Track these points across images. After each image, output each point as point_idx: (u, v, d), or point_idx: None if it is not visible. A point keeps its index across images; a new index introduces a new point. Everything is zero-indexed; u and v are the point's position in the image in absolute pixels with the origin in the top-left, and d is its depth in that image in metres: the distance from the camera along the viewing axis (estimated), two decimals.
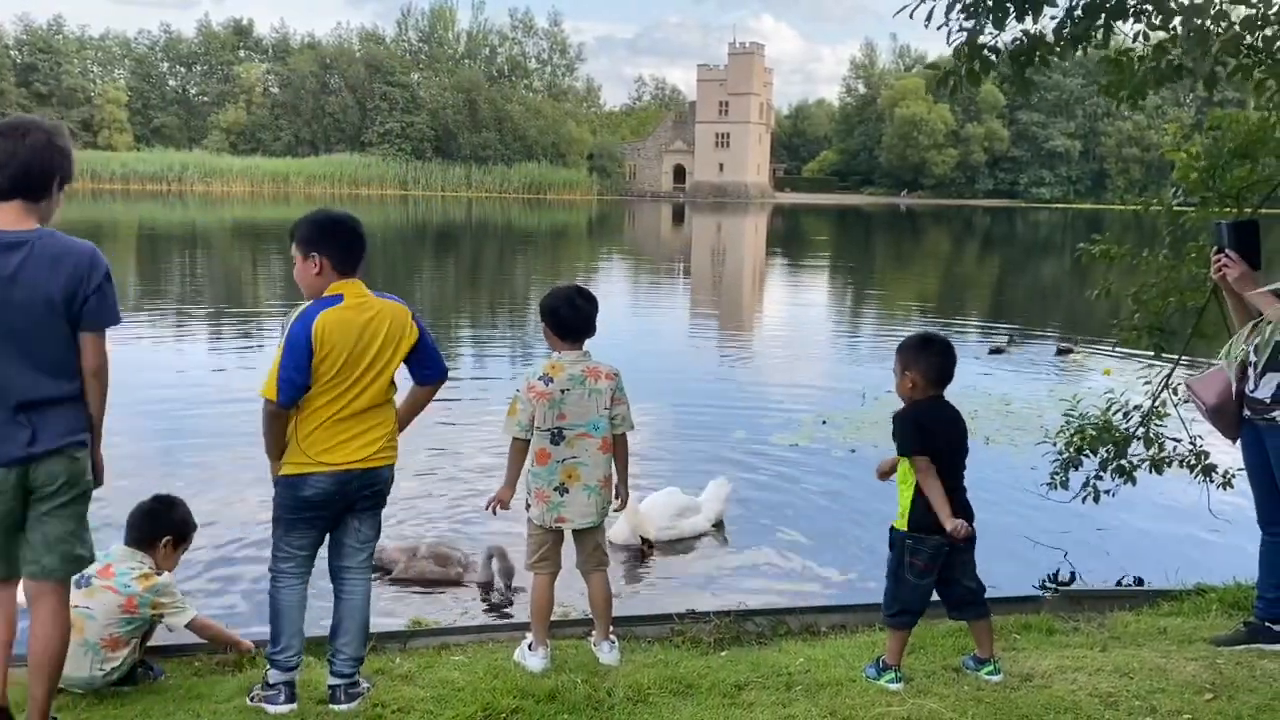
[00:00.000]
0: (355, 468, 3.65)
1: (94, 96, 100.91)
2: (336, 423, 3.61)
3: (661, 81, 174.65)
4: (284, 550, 3.76)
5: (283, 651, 3.71)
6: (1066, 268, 31.78)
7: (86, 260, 3.12)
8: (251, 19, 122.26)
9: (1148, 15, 4.86)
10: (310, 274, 3.66)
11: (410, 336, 3.72)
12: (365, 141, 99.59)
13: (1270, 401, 3.72)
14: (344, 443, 3.62)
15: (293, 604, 3.76)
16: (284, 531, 3.75)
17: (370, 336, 3.62)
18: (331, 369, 3.56)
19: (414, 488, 7.69)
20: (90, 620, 3.88)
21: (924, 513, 3.74)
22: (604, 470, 4.15)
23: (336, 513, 3.73)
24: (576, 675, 4.01)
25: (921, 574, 3.77)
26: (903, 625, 3.89)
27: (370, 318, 3.63)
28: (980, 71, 4.95)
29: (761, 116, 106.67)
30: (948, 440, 3.79)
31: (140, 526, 4.19)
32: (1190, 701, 3.65)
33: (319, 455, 3.61)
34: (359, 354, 3.59)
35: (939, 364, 3.79)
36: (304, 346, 3.52)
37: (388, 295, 3.78)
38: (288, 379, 3.54)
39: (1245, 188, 5.90)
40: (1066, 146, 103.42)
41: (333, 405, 3.60)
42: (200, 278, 25.72)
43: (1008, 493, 7.90)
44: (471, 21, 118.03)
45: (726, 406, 11.17)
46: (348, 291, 3.64)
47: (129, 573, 3.99)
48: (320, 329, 3.53)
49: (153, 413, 10.06)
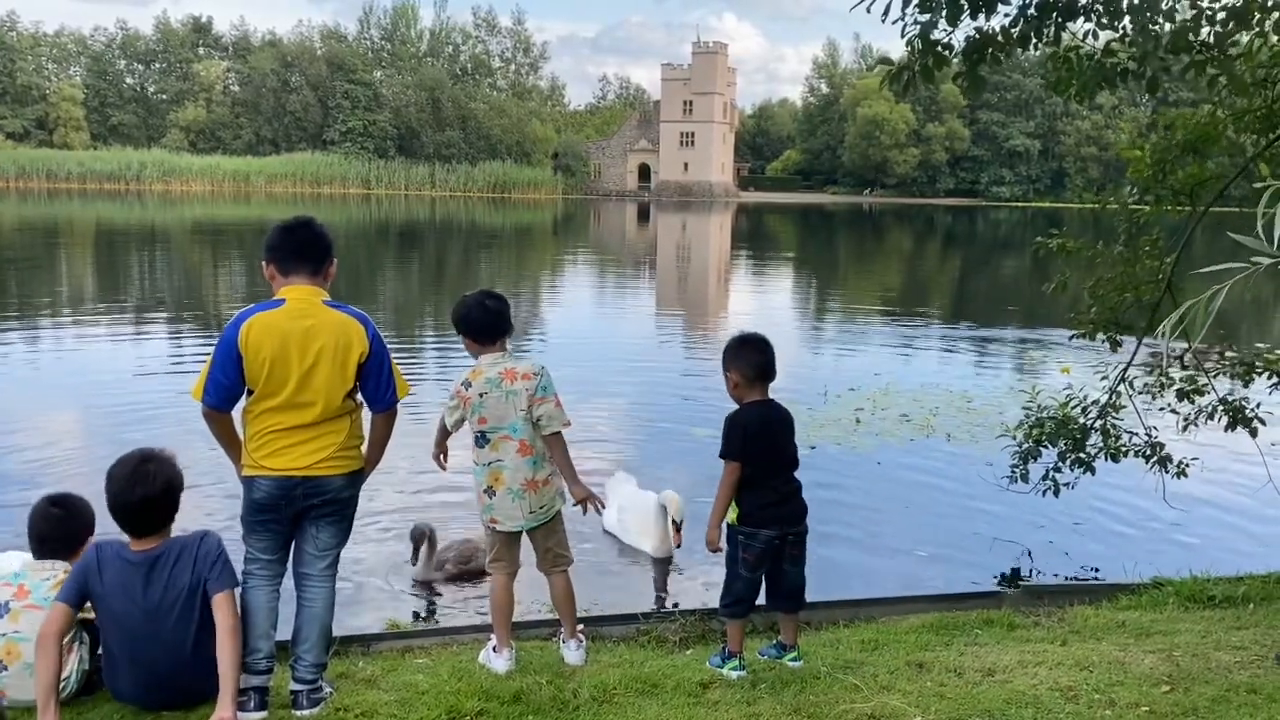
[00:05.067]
0: (297, 474, 3.60)
1: (49, 94, 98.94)
2: (282, 431, 3.58)
3: (626, 80, 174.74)
4: (249, 552, 3.74)
5: (250, 654, 3.66)
6: (1026, 264, 32.15)
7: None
8: (211, 16, 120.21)
9: (1097, 15, 4.93)
10: (269, 279, 3.70)
11: (358, 351, 3.62)
12: (327, 140, 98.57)
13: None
14: (287, 448, 3.59)
15: (259, 606, 3.70)
16: (246, 533, 3.74)
17: (307, 345, 3.54)
18: (260, 373, 3.52)
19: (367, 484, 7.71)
20: (27, 643, 3.69)
21: (753, 509, 3.87)
22: (527, 473, 4.08)
23: (288, 518, 3.69)
24: (542, 676, 3.99)
25: (753, 568, 3.92)
26: (739, 615, 4.04)
27: (308, 326, 3.56)
28: (934, 67, 5.00)
29: (726, 116, 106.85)
30: (772, 444, 3.91)
31: (55, 538, 3.93)
32: (1148, 694, 3.70)
33: (263, 460, 3.60)
34: (288, 361, 3.52)
35: (756, 360, 3.95)
36: (230, 348, 3.50)
37: (344, 307, 3.69)
38: (214, 380, 3.54)
39: (1197, 185, 6.00)
40: (1026, 146, 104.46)
41: (276, 414, 3.57)
42: (158, 278, 25.35)
43: (969, 489, 7.99)
44: (434, 20, 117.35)
45: (689, 403, 11.19)
46: (291, 296, 3.59)
47: (43, 585, 3.80)
48: (246, 332, 3.50)
49: (107, 414, 9.94)
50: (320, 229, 3.75)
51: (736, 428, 3.88)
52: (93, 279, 24.33)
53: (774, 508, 3.88)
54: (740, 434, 3.85)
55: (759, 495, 3.87)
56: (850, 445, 9.41)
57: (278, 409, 3.57)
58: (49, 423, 9.78)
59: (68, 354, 13.70)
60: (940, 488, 8.23)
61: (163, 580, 3.52)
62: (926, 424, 10.24)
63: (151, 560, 3.53)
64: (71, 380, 11.70)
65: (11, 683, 3.72)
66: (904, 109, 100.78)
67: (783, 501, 3.90)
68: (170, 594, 3.52)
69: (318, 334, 3.56)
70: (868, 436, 9.76)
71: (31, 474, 7.95)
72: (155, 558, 3.54)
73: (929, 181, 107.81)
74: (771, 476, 3.89)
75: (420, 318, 18.81)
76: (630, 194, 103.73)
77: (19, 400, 10.71)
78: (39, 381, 11.88)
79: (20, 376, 12.18)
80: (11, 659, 3.73)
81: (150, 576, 3.52)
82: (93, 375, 11.94)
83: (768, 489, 3.88)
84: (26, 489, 7.25)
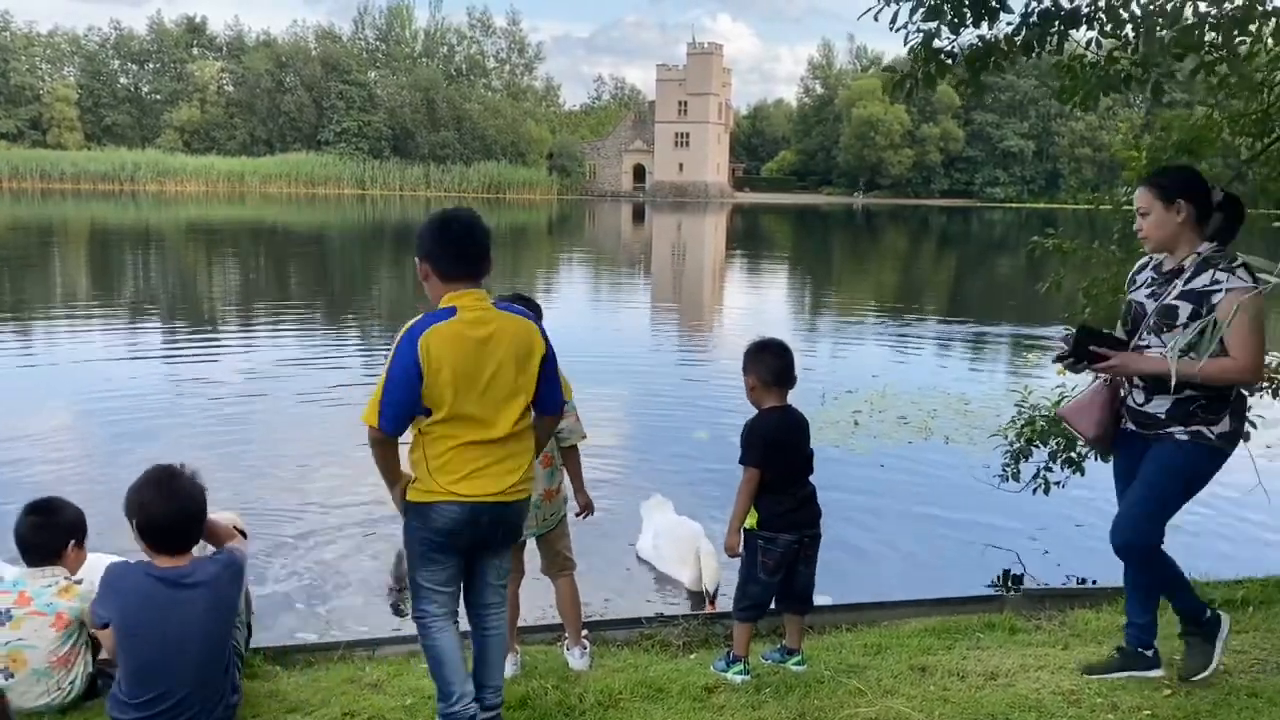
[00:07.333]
0: (487, 501, 3.26)
1: (43, 94, 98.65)
2: (467, 448, 3.22)
3: (621, 81, 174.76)
4: (424, 589, 3.37)
5: (458, 701, 3.34)
6: (1021, 265, 32.21)
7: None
8: (205, 16, 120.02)
9: (1100, 23, 4.96)
10: (423, 280, 3.36)
11: (538, 355, 3.31)
12: (322, 140, 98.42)
13: (1165, 418, 3.58)
14: (477, 472, 3.23)
15: (450, 647, 3.36)
16: (419, 566, 3.37)
17: (489, 355, 3.21)
18: (443, 392, 3.15)
19: (366, 489, 7.73)
20: (32, 650, 3.72)
21: (772, 514, 3.89)
22: (545, 483, 4.12)
23: (470, 546, 3.37)
24: (547, 681, 4.01)
25: (772, 572, 3.94)
26: (753, 619, 4.08)
27: (489, 334, 3.21)
28: (936, 75, 5.04)
29: (720, 116, 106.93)
30: (790, 450, 3.94)
31: (40, 544, 3.89)
32: (1150, 698, 3.73)
33: (450, 485, 3.22)
34: (477, 375, 3.18)
35: (775, 365, 3.98)
36: (409, 366, 3.12)
37: (512, 306, 3.39)
38: (391, 402, 3.16)
39: None
40: (1020, 147, 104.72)
41: (461, 432, 3.21)
42: (152, 278, 25.32)
43: (968, 492, 8.00)
44: (429, 20, 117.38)
45: (687, 406, 11.21)
46: (462, 304, 3.23)
47: (46, 591, 3.80)
48: (425, 347, 3.13)
49: (101, 417, 9.95)
50: (482, 227, 3.38)
51: (756, 435, 3.90)
52: (86, 280, 24.27)
53: (793, 513, 3.91)
54: (760, 442, 3.87)
55: (778, 501, 3.89)
56: (849, 448, 9.44)
57: (463, 427, 3.21)
58: (40, 426, 9.76)
59: (60, 356, 13.67)
60: (939, 491, 8.26)
61: (193, 597, 3.40)
62: (924, 426, 10.28)
63: (181, 576, 3.41)
64: (62, 383, 11.67)
65: (18, 689, 3.73)
66: (899, 110, 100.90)
67: (800, 506, 3.94)
68: (197, 609, 3.40)
69: (498, 342, 3.23)
70: (866, 439, 9.79)
71: (16, 481, 7.93)
72: (184, 574, 3.42)
73: (924, 182, 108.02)
74: (789, 482, 3.92)
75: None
76: (625, 194, 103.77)
77: (13, 403, 10.69)
78: (33, 383, 11.85)
79: (14, 377, 12.17)
80: (17, 666, 3.74)
81: (179, 594, 3.39)
82: (83, 377, 11.91)
83: (786, 495, 3.90)
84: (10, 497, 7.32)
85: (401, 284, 26.06)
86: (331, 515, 7.33)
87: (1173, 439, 3.61)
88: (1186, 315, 3.52)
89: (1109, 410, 3.82)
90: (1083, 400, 3.89)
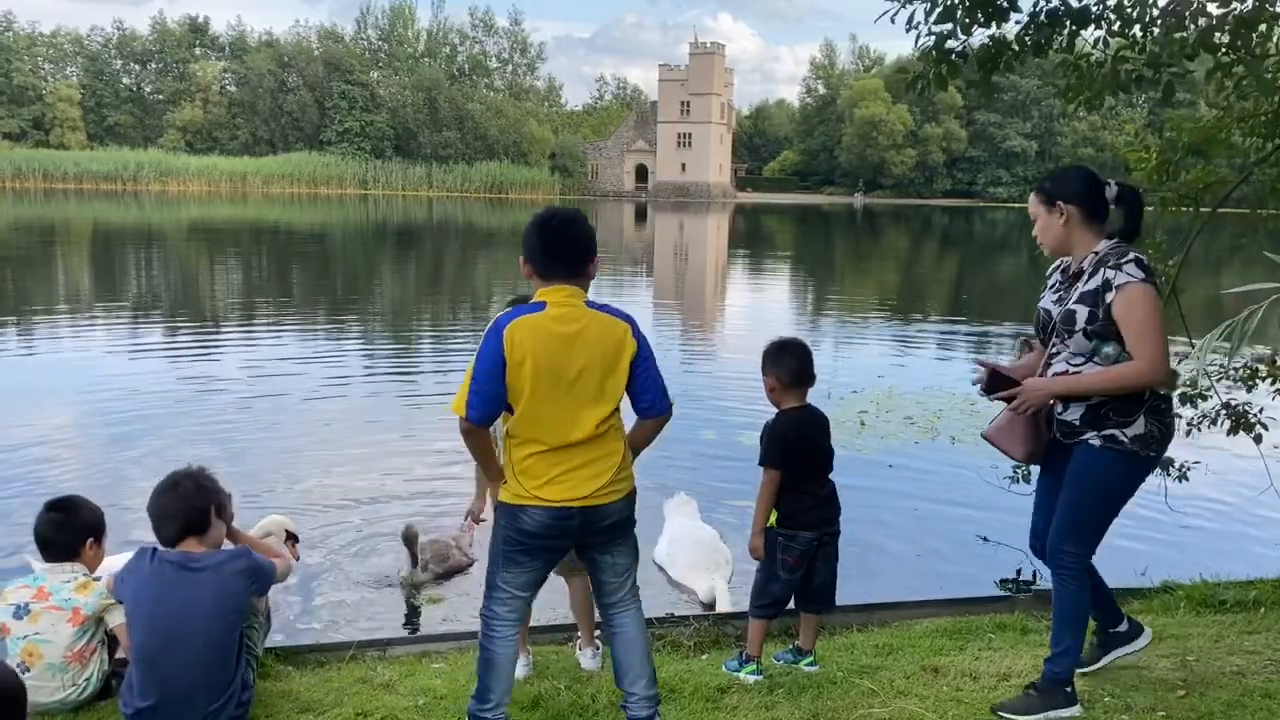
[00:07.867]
0: (575, 505, 3.23)
1: (45, 94, 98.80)
2: (551, 452, 3.22)
3: (623, 81, 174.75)
4: (501, 589, 3.36)
5: (493, 709, 3.36)
6: (1024, 264, 32.19)
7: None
8: (207, 16, 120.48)
9: (1109, 22, 4.96)
10: (526, 279, 3.36)
11: (628, 354, 3.27)
12: (324, 140, 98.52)
13: (1080, 424, 3.48)
14: (562, 475, 3.22)
15: (506, 656, 3.37)
16: (501, 566, 3.36)
17: (574, 353, 3.18)
18: (530, 385, 3.15)
19: (373, 487, 7.85)
20: (48, 644, 3.76)
21: (793, 512, 3.91)
22: None
23: (562, 550, 3.39)
24: (559, 682, 4.01)
25: (793, 569, 3.96)
26: (771, 616, 4.10)
27: (576, 331, 3.19)
28: (948, 75, 5.04)
29: (723, 116, 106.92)
30: (810, 450, 3.95)
31: (58, 541, 3.93)
32: (1164, 699, 3.73)
33: (535, 489, 3.22)
34: (560, 371, 3.16)
35: (794, 366, 3.98)
36: (494, 355, 3.14)
37: (608, 307, 3.34)
38: (478, 391, 3.17)
39: (1204, 188, 6.01)
40: (1023, 147, 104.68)
41: (545, 433, 3.21)
42: (155, 278, 25.33)
43: (976, 492, 7.99)
44: (431, 20, 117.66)
45: (693, 405, 11.19)
46: (552, 299, 3.23)
47: (65, 587, 3.84)
48: (512, 336, 3.14)
49: (103, 417, 9.96)
50: (581, 226, 3.36)
51: (776, 436, 3.91)
52: (89, 279, 24.29)
53: (813, 510, 3.93)
54: (780, 442, 3.89)
55: (798, 499, 3.91)
56: (856, 448, 9.42)
57: (541, 429, 3.21)
58: (48, 424, 9.77)
59: (63, 354, 13.69)
60: (949, 491, 8.25)
61: (197, 580, 3.53)
62: (931, 426, 10.27)
63: (187, 561, 3.56)
64: (65, 382, 11.67)
65: (33, 684, 3.73)
66: (901, 110, 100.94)
67: (821, 504, 3.95)
68: (200, 593, 3.51)
69: (584, 340, 3.20)
70: (873, 439, 9.79)
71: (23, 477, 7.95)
72: (192, 559, 3.57)
73: (926, 182, 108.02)
74: (809, 481, 3.94)
75: (419, 319, 18.84)
76: (627, 194, 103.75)
77: (14, 401, 10.70)
78: (32, 382, 11.86)
79: (12, 377, 12.17)
80: (34, 660, 3.76)
81: (183, 575, 3.53)
82: (86, 376, 11.91)
83: (806, 493, 3.92)
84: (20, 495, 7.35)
85: (403, 283, 26.08)
86: (341, 514, 7.32)
87: (1087, 445, 3.52)
88: (1084, 319, 3.42)
89: (1031, 425, 3.69)
90: (1001, 421, 3.77)
